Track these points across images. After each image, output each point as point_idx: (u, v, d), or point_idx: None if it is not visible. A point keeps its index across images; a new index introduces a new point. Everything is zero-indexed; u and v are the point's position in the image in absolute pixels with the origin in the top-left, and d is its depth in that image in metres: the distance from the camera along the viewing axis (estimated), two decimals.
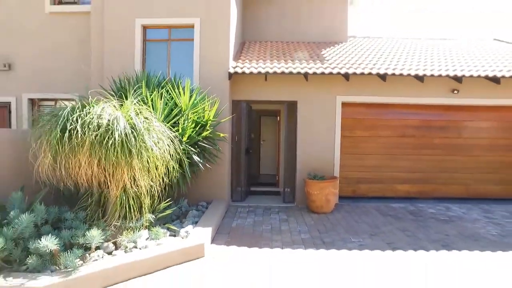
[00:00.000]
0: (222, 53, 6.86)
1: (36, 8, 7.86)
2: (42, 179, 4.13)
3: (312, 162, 7.35)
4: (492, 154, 7.92)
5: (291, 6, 9.50)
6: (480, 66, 7.38)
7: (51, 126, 4.03)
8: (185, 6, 6.88)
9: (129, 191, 4.30)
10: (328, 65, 7.03)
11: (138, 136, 4.03)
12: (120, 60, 6.97)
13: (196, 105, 5.61)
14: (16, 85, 7.93)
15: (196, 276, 3.86)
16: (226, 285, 3.61)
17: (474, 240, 5.17)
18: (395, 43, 9.88)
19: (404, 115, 7.92)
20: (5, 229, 3.39)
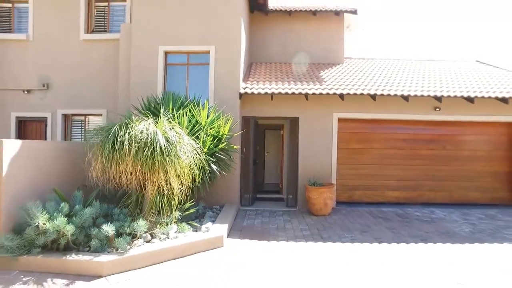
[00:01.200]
0: (234, 75, 7.95)
1: (72, 36, 9.00)
2: (93, 181, 5.15)
3: (312, 171, 8.33)
4: (472, 164, 8.91)
5: (293, 31, 10.64)
6: (457, 87, 8.45)
7: (104, 139, 5.06)
8: (202, 36, 8.00)
9: (162, 192, 5.31)
10: (326, 86, 8.11)
11: (172, 148, 5.05)
12: (145, 81, 8.05)
13: (213, 122, 6.65)
14: (52, 102, 9.01)
15: (218, 259, 4.82)
16: (243, 266, 4.58)
17: (449, 236, 6.12)
18: (386, 65, 10.98)
19: (394, 130, 8.94)
20: (74, 218, 4.38)
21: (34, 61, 9.04)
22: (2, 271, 4.09)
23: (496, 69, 10.58)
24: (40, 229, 4.17)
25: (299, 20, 10.59)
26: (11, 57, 9.08)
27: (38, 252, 4.24)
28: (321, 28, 10.68)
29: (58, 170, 5.42)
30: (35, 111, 9.05)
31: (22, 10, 9.27)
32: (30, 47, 9.08)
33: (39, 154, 4.99)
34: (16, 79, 9.04)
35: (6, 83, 9.05)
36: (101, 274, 4.09)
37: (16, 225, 4.36)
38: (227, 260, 4.80)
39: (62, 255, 4.22)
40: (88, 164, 5.15)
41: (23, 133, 9.16)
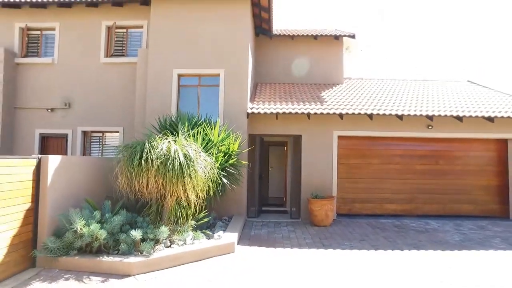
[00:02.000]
0: (242, 96, 8.68)
1: (93, 59, 9.81)
2: (119, 192, 5.80)
3: (314, 185, 8.95)
4: (464, 178, 9.51)
5: (295, 55, 11.43)
6: (448, 106, 9.14)
7: (129, 155, 5.74)
8: (213, 61, 8.78)
9: (180, 203, 5.95)
10: (326, 106, 8.82)
11: (190, 163, 5.72)
12: (160, 101, 8.78)
13: (224, 139, 7.33)
14: (73, 120, 9.74)
15: (230, 263, 5.42)
16: (253, 269, 5.17)
17: (440, 244, 6.69)
18: (383, 85, 11.73)
19: (390, 146, 9.60)
20: (105, 225, 5.01)
21: (58, 82, 9.82)
22: (46, 269, 4.71)
23: (485, 89, 11.30)
24: (78, 234, 4.80)
25: (301, 44, 11.40)
26: (38, 79, 9.87)
27: (74, 253, 4.86)
28: (322, 51, 11.47)
29: (88, 181, 6.08)
30: (57, 128, 9.77)
31: (49, 36, 10.12)
32: (55, 69, 9.88)
33: (74, 167, 5.66)
34: (41, 99, 9.80)
35: (33, 102, 9.81)
36: (130, 273, 4.69)
37: (56, 230, 5.00)
38: (238, 263, 5.40)
39: (95, 257, 4.84)
40: (115, 177, 5.81)
41: (45, 148, 9.85)
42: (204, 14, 8.94)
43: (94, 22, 9.91)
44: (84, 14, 9.93)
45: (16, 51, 9.92)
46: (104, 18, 9.88)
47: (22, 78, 9.92)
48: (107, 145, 9.90)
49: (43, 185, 4.86)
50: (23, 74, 9.93)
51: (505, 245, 6.66)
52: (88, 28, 9.93)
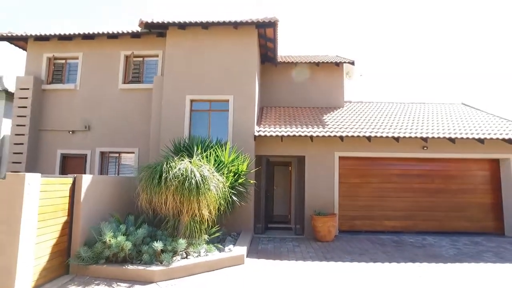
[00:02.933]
0: (249, 120, 9.42)
1: (112, 85, 10.66)
2: (140, 208, 6.45)
3: (317, 203, 9.51)
4: (459, 196, 10.04)
5: (299, 81, 12.23)
6: (441, 128, 9.80)
7: (150, 175, 6.41)
8: (223, 87, 9.58)
9: (194, 218, 6.57)
10: (327, 129, 9.52)
11: (205, 182, 6.37)
12: (173, 124, 9.52)
13: (234, 161, 8.01)
14: (92, 141, 10.49)
15: (241, 272, 5.98)
16: (262, 277, 5.73)
17: (435, 257, 7.20)
18: (381, 108, 12.44)
19: (388, 166, 10.21)
20: (129, 237, 5.63)
21: (79, 106, 10.65)
22: (78, 276, 5.31)
23: (478, 111, 11.96)
24: (106, 244, 5.42)
25: (304, 70, 12.21)
26: (62, 103, 10.71)
27: (103, 262, 5.47)
28: (323, 77, 12.28)
29: (112, 198, 6.76)
30: (77, 148, 10.51)
31: (72, 64, 11.03)
32: (77, 94, 10.73)
33: (101, 185, 6.34)
34: (64, 122, 10.60)
35: (56, 125, 10.60)
36: (152, 281, 5.28)
37: (87, 240, 5.63)
38: (248, 273, 5.97)
39: (121, 265, 5.44)
40: (137, 194, 6.48)
41: (65, 167, 10.56)
42: (215, 45, 9.82)
43: (113, 51, 10.82)
44: (104, 45, 10.86)
45: (43, 78, 10.82)
46: (123, 48, 10.80)
47: (47, 102, 10.78)
48: (123, 164, 10.60)
49: (77, 201, 5.53)
50: (48, 99, 10.79)
51: (496, 258, 7.16)
52: (108, 57, 10.84)
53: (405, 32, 39.78)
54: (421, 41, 39.23)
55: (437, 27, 38.53)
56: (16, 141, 10.20)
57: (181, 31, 9.91)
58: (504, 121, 10.71)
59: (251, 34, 9.78)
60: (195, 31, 9.87)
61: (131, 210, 7.05)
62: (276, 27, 9.46)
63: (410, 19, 39.31)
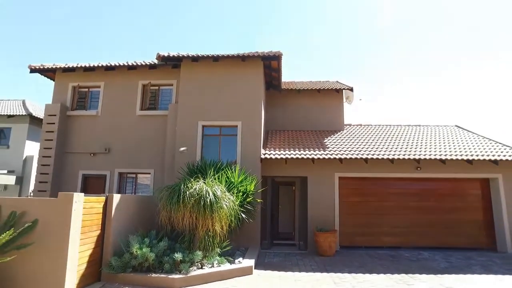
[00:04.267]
0: (256, 144, 10.32)
1: (130, 111, 11.68)
2: (160, 223, 7.28)
3: (319, 220, 10.24)
4: (453, 214, 10.72)
5: (301, 104, 13.21)
6: (433, 150, 10.62)
7: (169, 194, 7.28)
8: (232, 114, 10.54)
9: (208, 233, 7.37)
10: (328, 152, 10.38)
11: (218, 201, 7.21)
12: (187, 147, 10.42)
13: (243, 181, 8.85)
14: (111, 163, 11.42)
15: (250, 281, 6.73)
16: (269, 284, 6.47)
17: (427, 269, 7.88)
18: (379, 130, 13.30)
19: (385, 185, 10.98)
20: (153, 249, 6.44)
21: (100, 130, 11.65)
22: (109, 283, 6.11)
23: (470, 133, 12.77)
24: (133, 255, 6.23)
25: (306, 96, 13.21)
26: (84, 128, 11.73)
27: (130, 271, 6.26)
28: (325, 102, 13.25)
29: (136, 214, 7.61)
30: (98, 169, 11.44)
31: (94, 92, 12.12)
32: (98, 120, 11.76)
33: (127, 203, 7.21)
34: (86, 145, 11.58)
35: (78, 147, 11.59)
36: (173, 287, 6.05)
37: (116, 251, 6.44)
38: (257, 281, 6.73)
39: (146, 274, 6.23)
40: (158, 212, 7.33)
41: (86, 187, 11.46)
42: (224, 75, 10.88)
43: (132, 81, 11.91)
44: (124, 75, 11.96)
45: (68, 105, 11.89)
46: (141, 78, 11.89)
47: (71, 127, 11.80)
48: (139, 184, 11.49)
49: (108, 216, 6.39)
50: (72, 124, 11.83)
51: (483, 270, 7.84)
52: (127, 86, 11.92)
53: (411, 60, 41.16)
54: (423, 65, 40.52)
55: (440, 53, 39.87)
56: (43, 163, 11.17)
57: (194, 63, 11.00)
58: (493, 143, 11.50)
59: (258, 65, 10.83)
60: (207, 63, 10.95)
61: (151, 225, 7.88)
62: (280, 59, 10.51)
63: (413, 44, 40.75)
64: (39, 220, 5.12)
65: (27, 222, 5.05)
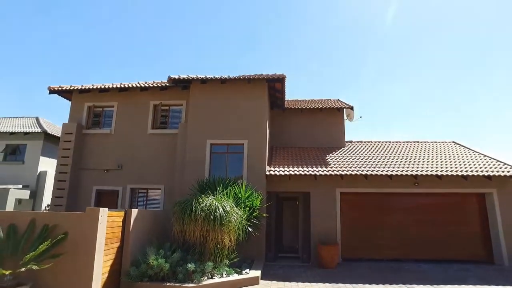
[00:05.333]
0: (261, 161, 10.91)
1: (141, 130, 12.36)
2: (173, 236, 7.82)
3: (322, 233, 10.72)
4: (452, 227, 11.14)
5: (304, 122, 13.86)
6: (430, 166, 11.16)
7: (182, 209, 7.85)
8: (238, 133, 11.18)
9: (217, 246, 7.90)
10: (330, 168, 10.94)
11: (227, 215, 7.77)
12: (196, 164, 11.03)
13: (249, 197, 9.41)
14: (123, 179, 12.03)
15: None
16: None
17: (425, 280, 8.34)
18: (378, 147, 13.87)
19: (385, 200, 11.47)
20: (167, 260, 6.98)
21: (113, 148, 12.31)
22: None
23: (466, 149, 13.30)
24: (150, 265, 6.77)
25: (309, 114, 13.88)
26: (98, 145, 12.41)
27: (146, 280, 6.78)
28: (326, 120, 13.90)
29: (150, 227, 8.16)
30: (111, 185, 12.04)
31: (108, 112, 12.85)
32: (111, 138, 12.44)
33: (143, 217, 7.78)
34: (99, 162, 12.23)
35: (93, 164, 12.24)
36: None
37: (133, 262, 6.98)
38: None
39: (161, 283, 6.75)
40: (171, 225, 7.89)
41: (99, 202, 12.03)
42: (231, 96, 11.58)
43: (144, 101, 12.64)
44: (136, 96, 12.70)
45: (83, 124, 12.61)
46: (152, 99, 12.62)
47: (86, 145, 12.49)
48: (150, 198, 12.06)
49: (127, 229, 6.96)
50: (87, 142, 12.51)
51: (478, 281, 8.31)
52: (139, 106, 12.64)
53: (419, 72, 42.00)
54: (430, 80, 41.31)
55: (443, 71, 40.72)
56: (60, 178, 11.80)
57: (202, 85, 11.73)
58: (488, 159, 12.02)
59: (262, 87, 11.54)
60: (214, 85, 11.68)
61: (163, 237, 8.43)
62: (284, 81, 11.22)
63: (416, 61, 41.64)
64: (69, 233, 5.70)
65: (58, 234, 5.63)
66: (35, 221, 5.81)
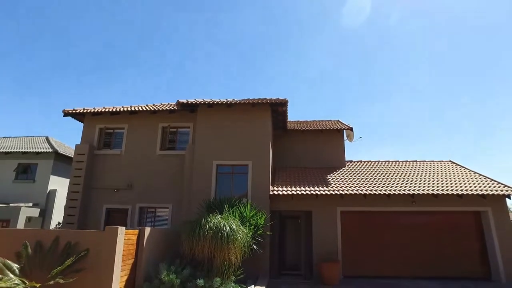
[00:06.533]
0: (265, 181, 11.45)
1: (150, 151, 12.96)
2: (182, 253, 8.29)
3: (323, 251, 11.12)
4: (450, 245, 11.51)
5: (306, 143, 14.44)
6: (426, 185, 11.64)
7: (192, 227, 8.34)
8: (243, 154, 11.77)
9: (224, 263, 8.34)
10: (330, 188, 11.45)
11: (233, 234, 8.25)
12: (202, 184, 11.57)
13: (254, 216, 9.90)
14: (133, 197, 12.54)
15: None
16: None
17: None
18: (377, 166, 14.39)
19: (385, 218, 11.91)
20: (178, 275, 7.43)
21: (123, 168, 12.88)
22: None
23: (463, 169, 13.80)
24: (162, 281, 7.22)
25: (310, 135, 14.48)
26: (109, 165, 12.99)
27: None
28: (327, 141, 14.47)
29: (162, 245, 8.64)
30: (120, 204, 12.55)
31: (118, 133, 13.50)
32: (121, 158, 13.04)
33: (155, 235, 8.27)
34: (110, 181, 12.78)
35: (103, 183, 12.78)
36: None
37: (146, 277, 7.43)
38: None
39: None
40: (181, 243, 8.36)
41: (109, 220, 12.49)
42: (236, 119, 12.23)
43: (153, 124, 13.30)
44: (146, 118, 13.38)
45: (95, 145, 13.24)
46: (161, 121, 13.29)
47: (97, 165, 13.07)
48: (158, 217, 12.54)
49: (141, 247, 7.45)
50: (98, 162, 13.10)
51: None
52: (148, 128, 13.29)
53: None
54: None
55: None
56: (72, 197, 12.34)
57: (209, 108, 12.41)
58: (483, 178, 12.50)
59: (266, 110, 12.20)
60: (220, 108, 12.35)
61: (173, 253, 8.86)
62: (286, 106, 11.87)
63: None
64: (90, 249, 6.21)
65: (80, 250, 6.14)
66: (58, 238, 6.32)
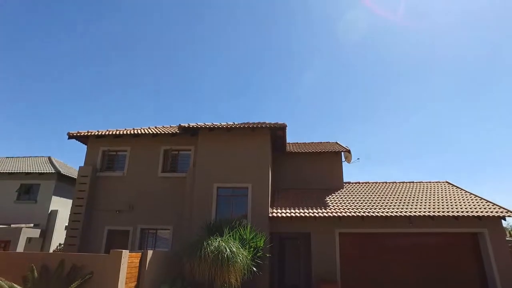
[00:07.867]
0: (264, 203, 11.68)
1: (152, 173, 13.24)
2: (182, 274, 8.44)
3: (322, 272, 11.19)
4: (449, 265, 11.58)
5: (304, 165, 14.73)
6: (423, 207, 11.86)
7: (193, 250, 8.52)
8: (243, 177, 12.04)
9: (224, 284, 8.48)
10: (328, 210, 11.67)
11: (233, 256, 8.43)
12: (203, 206, 11.77)
13: (253, 238, 10.08)
14: (134, 219, 12.71)
15: None
16: None
17: None
18: (375, 188, 14.63)
19: (382, 240, 12.05)
20: None
21: (125, 190, 13.11)
22: None
23: (459, 189, 14.04)
24: None
25: (308, 157, 14.80)
26: (111, 187, 13.23)
27: None
28: (325, 163, 14.78)
29: (163, 267, 8.79)
30: (122, 225, 12.71)
31: (121, 156, 13.81)
32: (123, 180, 13.29)
33: (157, 257, 8.44)
34: (112, 203, 12.99)
35: (105, 205, 12.99)
36: None
37: None
38: None
39: None
40: (182, 264, 8.53)
41: (110, 241, 12.61)
42: (236, 143, 12.58)
43: (155, 146, 13.63)
44: (148, 141, 13.73)
45: (98, 167, 13.52)
46: (163, 144, 13.63)
47: (100, 186, 13.31)
48: (159, 238, 12.68)
49: (143, 270, 7.63)
50: (100, 184, 13.35)
51: None
52: (150, 150, 13.61)
53: None
54: None
55: None
56: (74, 219, 12.53)
57: (209, 132, 12.78)
58: (479, 199, 12.74)
59: (265, 134, 12.57)
60: (221, 132, 12.72)
61: (174, 275, 9.00)
62: (285, 130, 12.25)
63: None
64: (94, 272, 6.41)
65: (85, 273, 6.34)
66: (64, 262, 6.53)
